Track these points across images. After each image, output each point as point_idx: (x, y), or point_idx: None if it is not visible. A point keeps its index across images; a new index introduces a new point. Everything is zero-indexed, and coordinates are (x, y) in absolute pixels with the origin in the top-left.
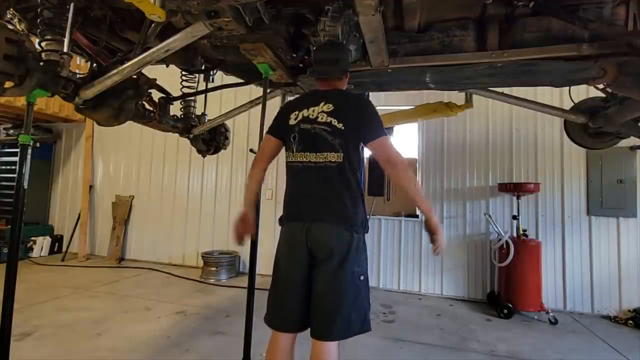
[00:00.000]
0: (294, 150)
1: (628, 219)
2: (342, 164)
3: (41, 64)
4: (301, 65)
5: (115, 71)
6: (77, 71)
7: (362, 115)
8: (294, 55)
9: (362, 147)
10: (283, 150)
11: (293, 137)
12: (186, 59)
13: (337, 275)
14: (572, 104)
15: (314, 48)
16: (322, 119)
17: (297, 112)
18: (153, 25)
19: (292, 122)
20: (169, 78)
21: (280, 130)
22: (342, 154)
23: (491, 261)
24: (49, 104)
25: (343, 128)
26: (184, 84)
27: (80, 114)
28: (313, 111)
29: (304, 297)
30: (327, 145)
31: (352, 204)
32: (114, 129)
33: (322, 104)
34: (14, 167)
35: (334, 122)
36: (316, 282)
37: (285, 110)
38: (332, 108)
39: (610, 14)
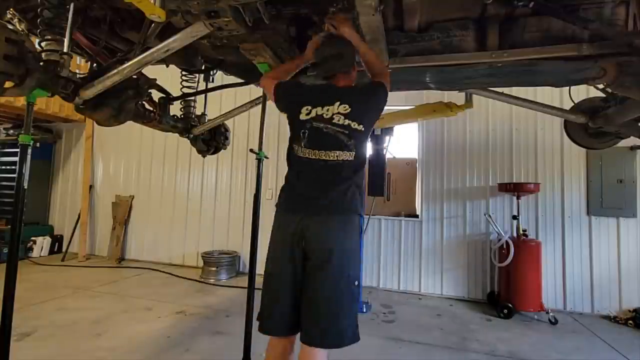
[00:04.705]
0: (303, 145)
1: (628, 219)
2: (353, 162)
3: (41, 64)
4: None
5: (115, 71)
6: (77, 71)
7: (374, 101)
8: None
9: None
10: (283, 145)
11: (303, 132)
12: (186, 59)
13: (333, 280)
14: (572, 104)
15: (315, 47)
16: (338, 120)
17: (309, 108)
18: (153, 25)
19: (302, 117)
20: (169, 78)
21: (287, 100)
22: (354, 152)
23: (491, 261)
24: (49, 104)
25: (363, 129)
26: (184, 84)
27: (80, 114)
28: (327, 110)
29: (296, 297)
30: (342, 146)
31: (359, 196)
32: (114, 129)
33: (338, 104)
34: (14, 167)
35: (353, 124)
36: (309, 284)
37: (297, 95)
38: (349, 109)
39: (610, 14)
